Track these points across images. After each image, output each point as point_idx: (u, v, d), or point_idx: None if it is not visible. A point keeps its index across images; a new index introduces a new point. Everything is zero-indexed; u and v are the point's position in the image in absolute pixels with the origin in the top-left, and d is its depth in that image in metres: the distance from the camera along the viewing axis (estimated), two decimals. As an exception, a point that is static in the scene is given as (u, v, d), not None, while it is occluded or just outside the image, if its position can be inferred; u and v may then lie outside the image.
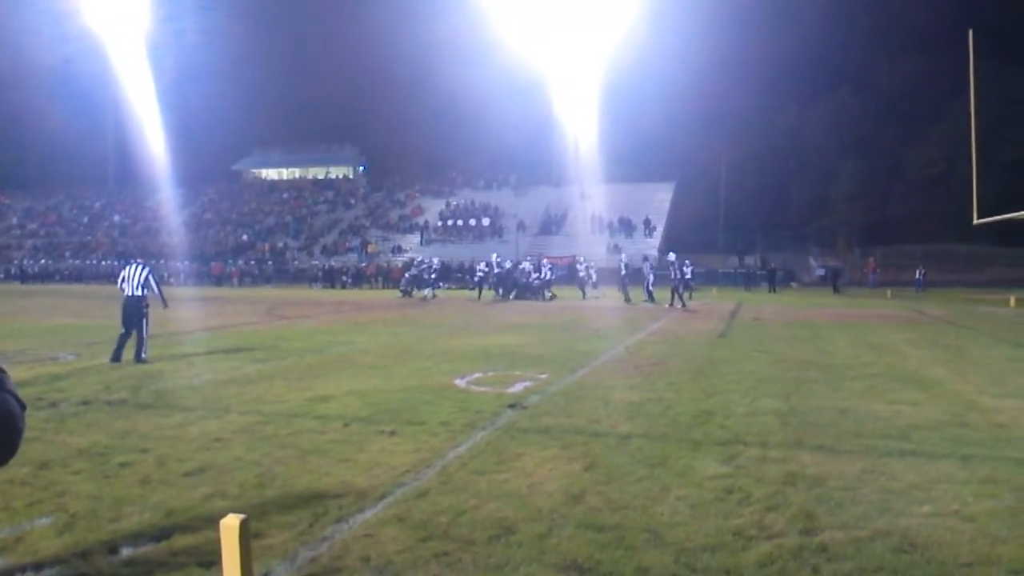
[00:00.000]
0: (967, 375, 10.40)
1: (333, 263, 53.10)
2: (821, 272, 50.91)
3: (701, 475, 5.50)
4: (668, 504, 4.87)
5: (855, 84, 72.03)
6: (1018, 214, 23.21)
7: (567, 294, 32.10)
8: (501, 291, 31.49)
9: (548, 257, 37.45)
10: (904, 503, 4.89)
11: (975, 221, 27.56)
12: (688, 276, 30.86)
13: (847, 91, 71.78)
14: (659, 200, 59.82)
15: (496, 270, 32.54)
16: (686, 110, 64.22)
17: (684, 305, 25.00)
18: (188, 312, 16.33)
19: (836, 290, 37.75)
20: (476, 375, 10.15)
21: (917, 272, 39.58)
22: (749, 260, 51.83)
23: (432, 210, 63.86)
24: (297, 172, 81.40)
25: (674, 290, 25.50)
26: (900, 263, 48.56)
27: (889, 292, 36.47)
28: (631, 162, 60.40)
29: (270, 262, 57.54)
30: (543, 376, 10.06)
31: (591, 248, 46.36)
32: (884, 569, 3.85)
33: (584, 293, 31.66)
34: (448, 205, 63.77)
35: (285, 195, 73.34)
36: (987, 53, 29.49)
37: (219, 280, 52.03)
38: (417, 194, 68.14)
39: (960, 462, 5.86)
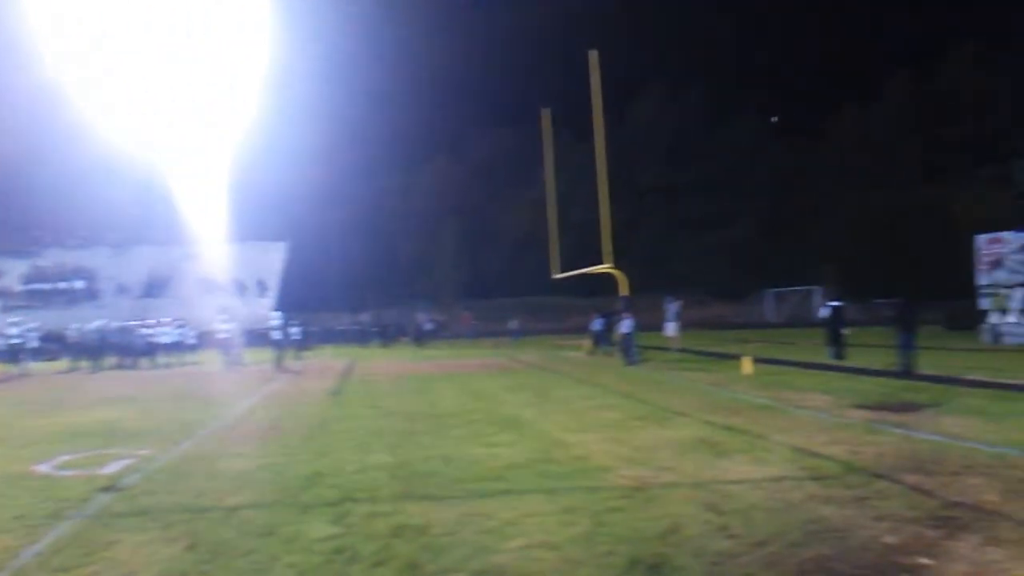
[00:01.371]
0: (552, 415, 11.58)
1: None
2: (431, 327, 53.43)
3: (310, 539, 5.47)
4: (276, 574, 4.78)
5: (453, 152, 77.85)
6: (588, 269, 26.53)
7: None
8: (91, 360, 28.31)
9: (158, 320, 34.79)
10: (499, 540, 5.30)
11: (553, 276, 30.98)
12: (298, 337, 30.46)
13: (446, 158, 77.28)
14: (272, 260, 58.83)
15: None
16: (299, 171, 64.27)
17: (282, 366, 24.48)
18: None
19: (385, 344, 40.51)
20: (63, 457, 9.09)
21: (513, 323, 43.11)
22: (363, 317, 52.84)
23: (12, 273, 56.44)
24: None
25: (278, 352, 24.93)
26: (498, 315, 52.64)
27: (491, 342, 39.33)
28: (242, 221, 58.76)
29: None
30: (144, 452, 9.31)
31: (201, 311, 44.09)
32: (479, 606, 4.13)
33: (185, 359, 29.68)
34: (34, 267, 56.81)
35: None
36: (560, 127, 33.47)
37: None
38: (-7, 255, 59.81)
39: (546, 495, 6.48)
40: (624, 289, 23.84)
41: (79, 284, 54.90)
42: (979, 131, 59.94)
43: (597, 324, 27.71)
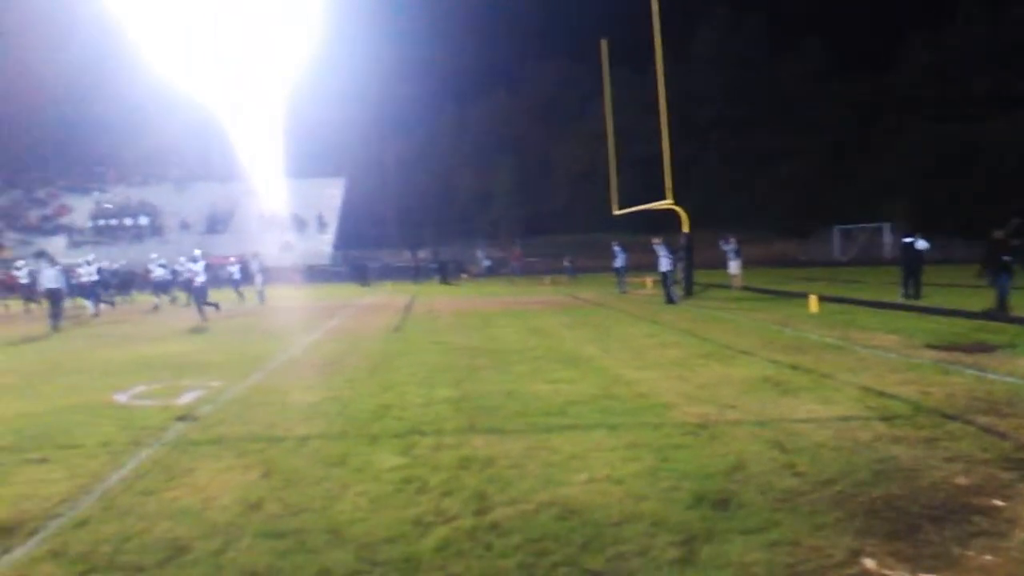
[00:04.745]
0: (614, 352, 11.59)
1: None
2: (488, 263, 53.61)
3: (379, 469, 5.61)
4: (348, 501, 4.92)
5: (508, 86, 77.04)
6: (649, 205, 26.18)
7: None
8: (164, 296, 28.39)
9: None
10: (564, 474, 5.36)
11: (615, 212, 30.69)
12: (237, 276, 28.02)
13: (502, 92, 76.50)
14: (330, 196, 59.32)
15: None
16: (354, 106, 64.36)
17: (202, 310, 20.53)
18: None
19: (444, 281, 40.49)
20: (139, 388, 9.44)
21: (566, 260, 42.80)
22: (422, 254, 53.18)
23: (81, 209, 58.02)
24: (-95, 168, 69.55)
25: (196, 296, 20.95)
26: (556, 252, 52.46)
27: (549, 279, 39.34)
28: (299, 157, 59.21)
29: None
30: (215, 384, 9.61)
31: (263, 247, 44.92)
32: (548, 537, 4.21)
33: (261, 296, 29.04)
34: (99, 203, 58.30)
35: None
36: (619, 61, 32.76)
37: None
38: (60, 192, 61.38)
39: (609, 431, 6.52)
40: (686, 226, 23.54)
41: (144, 220, 56.13)
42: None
43: (620, 260, 27.62)
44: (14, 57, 59.16)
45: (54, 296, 19.15)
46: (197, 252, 21.75)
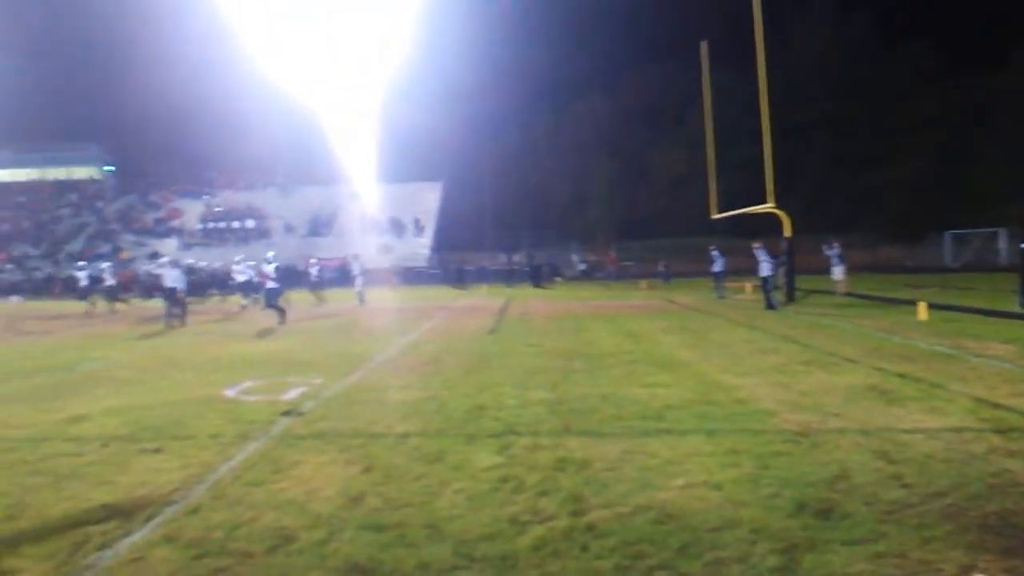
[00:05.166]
0: (712, 357, 11.40)
1: (81, 272, 48.85)
2: (583, 267, 53.44)
3: (476, 467, 5.68)
4: (446, 498, 5.00)
5: (605, 89, 76.62)
6: (749, 209, 25.65)
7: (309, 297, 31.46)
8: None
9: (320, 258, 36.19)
10: (661, 478, 5.32)
11: (713, 216, 30.17)
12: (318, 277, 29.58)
13: (598, 96, 76.10)
14: (428, 200, 60.20)
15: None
16: (451, 110, 65.21)
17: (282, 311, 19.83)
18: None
19: (537, 284, 40.22)
20: (247, 384, 9.80)
21: (660, 265, 42.15)
22: (517, 257, 53.31)
23: (191, 212, 60.51)
24: (33, 173, 73.67)
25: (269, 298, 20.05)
26: (650, 256, 51.85)
27: (646, 283, 38.98)
28: (398, 161, 60.31)
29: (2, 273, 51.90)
30: (317, 381, 9.90)
31: (364, 249, 45.88)
32: (644, 540, 4.19)
33: (361, 296, 29.65)
34: (208, 207, 60.69)
35: (22, 199, 66.45)
36: (718, 62, 32.13)
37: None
38: (173, 195, 64.21)
39: (707, 436, 6.43)
40: (788, 230, 22.99)
41: (250, 223, 58.01)
42: None
43: (718, 264, 27.21)
44: (131, 70, 62.23)
45: (173, 295, 20.07)
46: (270, 254, 22.72)
